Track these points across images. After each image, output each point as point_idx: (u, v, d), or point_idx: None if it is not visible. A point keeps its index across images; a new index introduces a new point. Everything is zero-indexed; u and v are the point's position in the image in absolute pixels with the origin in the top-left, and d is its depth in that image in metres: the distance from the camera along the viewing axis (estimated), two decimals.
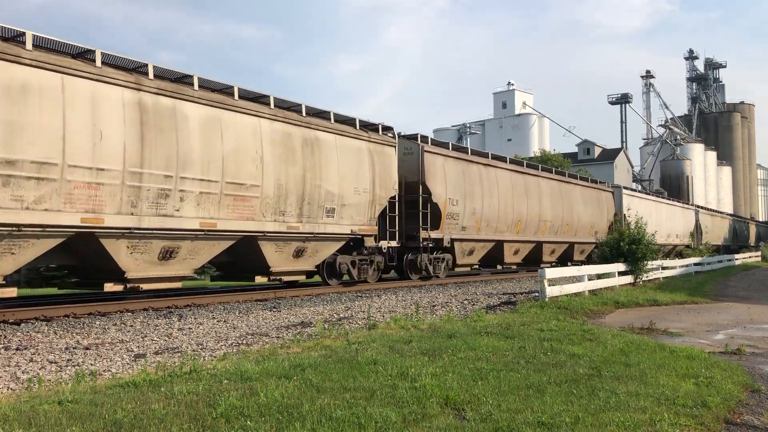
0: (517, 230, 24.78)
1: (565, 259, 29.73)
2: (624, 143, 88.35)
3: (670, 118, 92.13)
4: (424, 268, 20.22)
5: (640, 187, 65.43)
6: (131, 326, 10.61)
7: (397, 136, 19.14)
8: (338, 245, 16.96)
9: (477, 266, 24.00)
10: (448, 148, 21.93)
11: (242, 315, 12.24)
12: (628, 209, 33.27)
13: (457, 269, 22.87)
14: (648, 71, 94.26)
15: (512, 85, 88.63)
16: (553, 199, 27.54)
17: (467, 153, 22.93)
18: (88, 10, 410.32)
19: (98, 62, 11.38)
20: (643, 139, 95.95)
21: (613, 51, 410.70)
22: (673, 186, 76.96)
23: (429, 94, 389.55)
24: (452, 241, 20.95)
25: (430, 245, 20.15)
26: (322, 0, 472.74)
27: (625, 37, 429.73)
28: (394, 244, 18.90)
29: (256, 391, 5.69)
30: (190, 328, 10.41)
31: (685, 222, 44.39)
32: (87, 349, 8.53)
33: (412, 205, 19.66)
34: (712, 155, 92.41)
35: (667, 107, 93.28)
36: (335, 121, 16.82)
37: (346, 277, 17.72)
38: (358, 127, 17.56)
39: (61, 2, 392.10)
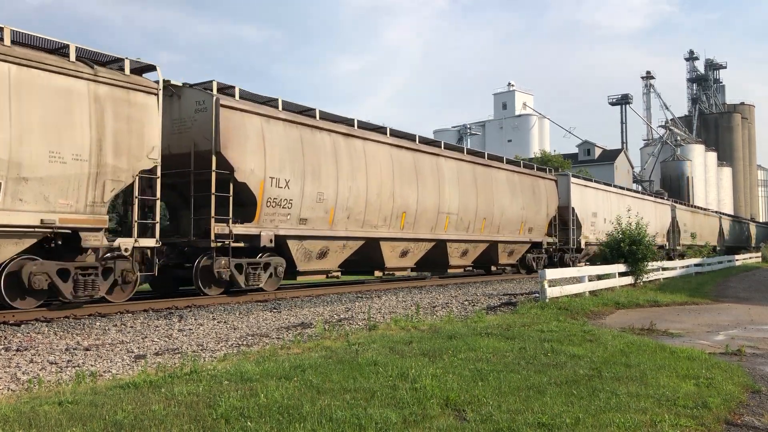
0: (402, 225, 18.97)
1: (486, 263, 24.44)
2: (624, 144, 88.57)
3: (671, 119, 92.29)
4: (227, 277, 14.25)
5: (640, 188, 65.40)
6: (131, 327, 10.61)
7: (162, 81, 13.03)
8: (20, 245, 10.75)
9: (336, 274, 18.39)
10: (277, 106, 15.79)
11: (242, 316, 12.25)
12: (579, 202, 28.88)
13: (300, 278, 17.02)
14: (648, 72, 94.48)
15: (512, 85, 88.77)
16: (462, 186, 21.60)
17: (314, 117, 16.71)
18: (88, 11, 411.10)
19: None
20: (644, 140, 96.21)
21: (614, 52, 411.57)
22: (674, 187, 77.03)
23: (429, 95, 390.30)
24: (282, 238, 15.30)
25: (237, 245, 14.40)
26: (322, 0, 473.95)
27: (626, 37, 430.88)
28: (149, 243, 12.58)
29: (256, 391, 5.69)
30: (190, 329, 10.41)
31: (658, 219, 39.22)
32: (87, 350, 8.54)
33: (207, 185, 14.03)
34: (713, 156, 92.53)
35: (667, 108, 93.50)
36: (15, 43, 10.78)
37: (75, 297, 11.41)
38: (73, 59, 11.51)
39: (61, 2, 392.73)
